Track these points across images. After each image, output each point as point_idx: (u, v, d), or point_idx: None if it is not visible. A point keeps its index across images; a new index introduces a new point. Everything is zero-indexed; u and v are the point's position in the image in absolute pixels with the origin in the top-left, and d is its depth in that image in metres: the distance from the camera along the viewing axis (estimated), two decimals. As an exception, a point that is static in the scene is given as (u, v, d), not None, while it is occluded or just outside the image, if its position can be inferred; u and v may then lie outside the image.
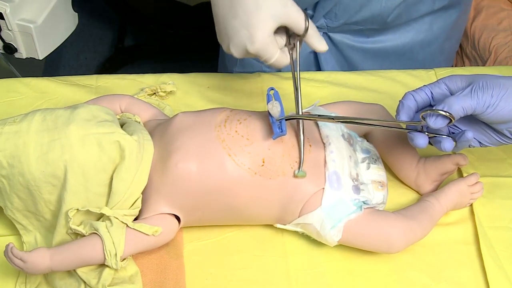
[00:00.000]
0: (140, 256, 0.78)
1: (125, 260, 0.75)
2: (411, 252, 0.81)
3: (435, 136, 0.76)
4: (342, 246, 0.80)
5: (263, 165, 0.76)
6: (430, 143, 0.76)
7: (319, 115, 0.83)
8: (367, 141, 0.88)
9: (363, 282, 0.79)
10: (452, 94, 0.74)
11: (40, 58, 1.07)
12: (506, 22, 1.60)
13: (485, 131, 0.76)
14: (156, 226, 0.75)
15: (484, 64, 1.57)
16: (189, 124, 0.80)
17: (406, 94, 0.77)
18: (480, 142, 0.77)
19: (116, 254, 0.72)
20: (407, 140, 0.78)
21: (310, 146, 0.80)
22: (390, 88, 1.03)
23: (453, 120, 0.71)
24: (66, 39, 1.12)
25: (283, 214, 0.79)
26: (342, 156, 0.80)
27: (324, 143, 0.81)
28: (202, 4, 2.01)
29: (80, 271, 0.74)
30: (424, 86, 0.77)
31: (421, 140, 0.75)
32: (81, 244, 0.74)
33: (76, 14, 1.14)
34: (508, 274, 0.79)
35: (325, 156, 0.80)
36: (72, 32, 1.13)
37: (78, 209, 0.74)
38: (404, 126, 0.80)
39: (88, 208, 0.74)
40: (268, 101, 0.77)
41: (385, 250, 0.79)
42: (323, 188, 0.78)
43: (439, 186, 0.87)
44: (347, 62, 1.12)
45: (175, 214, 0.78)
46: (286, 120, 0.76)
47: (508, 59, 1.50)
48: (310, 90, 1.01)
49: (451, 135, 0.76)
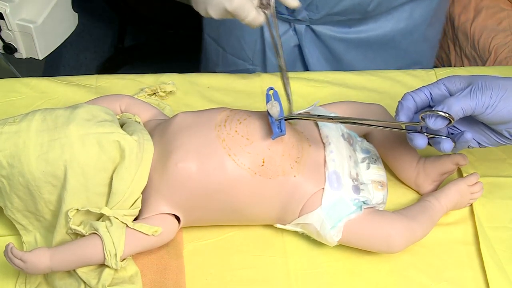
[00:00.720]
0: (140, 256, 0.78)
1: (125, 260, 0.75)
2: (411, 252, 0.81)
3: (435, 137, 0.76)
4: (342, 246, 0.80)
5: (263, 165, 0.76)
6: (429, 143, 0.77)
7: (318, 115, 0.83)
8: (367, 141, 0.88)
9: (363, 282, 0.79)
10: (451, 95, 0.74)
11: (40, 58, 1.07)
12: (506, 22, 1.59)
13: (484, 131, 0.76)
14: (156, 226, 0.75)
15: (484, 64, 1.56)
16: (189, 124, 0.80)
17: (405, 95, 0.77)
18: (479, 143, 0.77)
19: (116, 254, 0.73)
20: (406, 140, 0.78)
21: (310, 146, 0.80)
22: (390, 88, 1.03)
23: (452, 121, 0.71)
24: (66, 39, 1.12)
25: (283, 214, 0.79)
26: (342, 156, 0.80)
27: (324, 143, 0.82)
28: (202, 4, 2.01)
29: (80, 271, 0.74)
30: (423, 87, 0.77)
31: (420, 140, 0.75)
32: (81, 244, 0.74)
33: (76, 14, 1.13)
34: (508, 274, 0.80)
35: (324, 156, 0.80)
36: (72, 32, 1.13)
37: (78, 209, 0.74)
38: (404, 127, 0.80)
39: (88, 208, 0.74)
40: (268, 101, 0.77)
41: (385, 250, 0.79)
42: (323, 188, 0.78)
43: (439, 186, 0.87)
44: (331, 54, 1.13)
45: (175, 214, 0.78)
46: (286, 120, 0.76)
47: (508, 59, 1.50)
48: (310, 90, 1.01)
49: (450, 136, 0.76)
